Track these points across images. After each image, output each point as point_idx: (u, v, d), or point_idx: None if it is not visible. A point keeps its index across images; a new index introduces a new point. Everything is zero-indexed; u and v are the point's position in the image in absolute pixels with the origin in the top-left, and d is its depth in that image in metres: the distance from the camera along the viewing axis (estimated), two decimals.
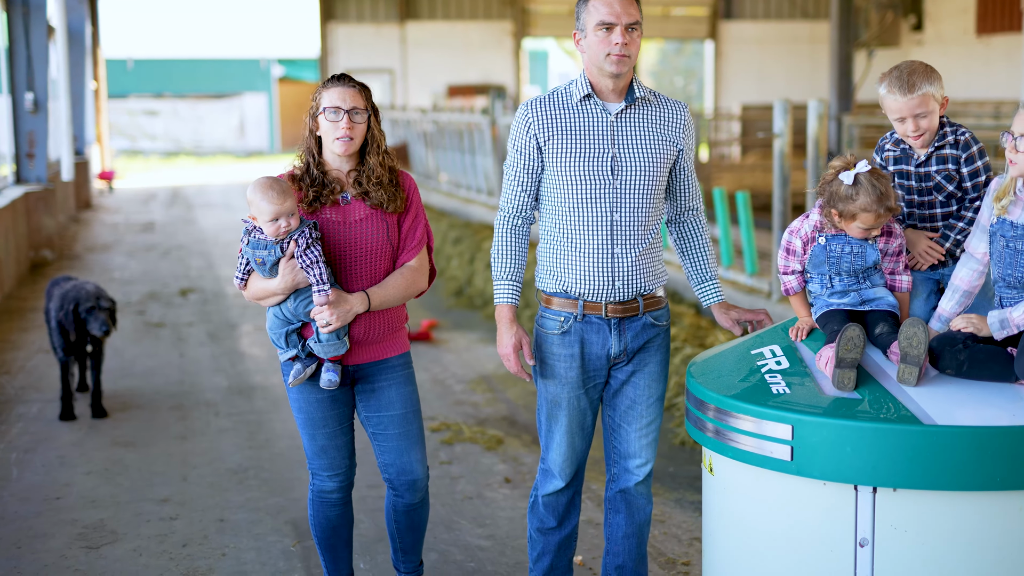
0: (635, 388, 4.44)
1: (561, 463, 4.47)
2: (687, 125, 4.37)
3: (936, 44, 29.14)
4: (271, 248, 4.26)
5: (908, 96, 3.90)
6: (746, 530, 3.81)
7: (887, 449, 3.46)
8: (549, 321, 4.37)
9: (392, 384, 4.52)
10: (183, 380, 9.25)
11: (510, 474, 6.81)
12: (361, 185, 4.38)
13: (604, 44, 4.15)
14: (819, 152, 9.11)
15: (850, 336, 3.68)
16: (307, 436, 4.54)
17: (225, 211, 22.85)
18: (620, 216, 4.24)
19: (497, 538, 5.84)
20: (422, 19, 31.34)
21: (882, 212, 3.82)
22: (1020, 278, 3.71)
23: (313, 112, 4.36)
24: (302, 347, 4.36)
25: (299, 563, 5.57)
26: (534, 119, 4.29)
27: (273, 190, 4.21)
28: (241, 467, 7.01)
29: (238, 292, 13.33)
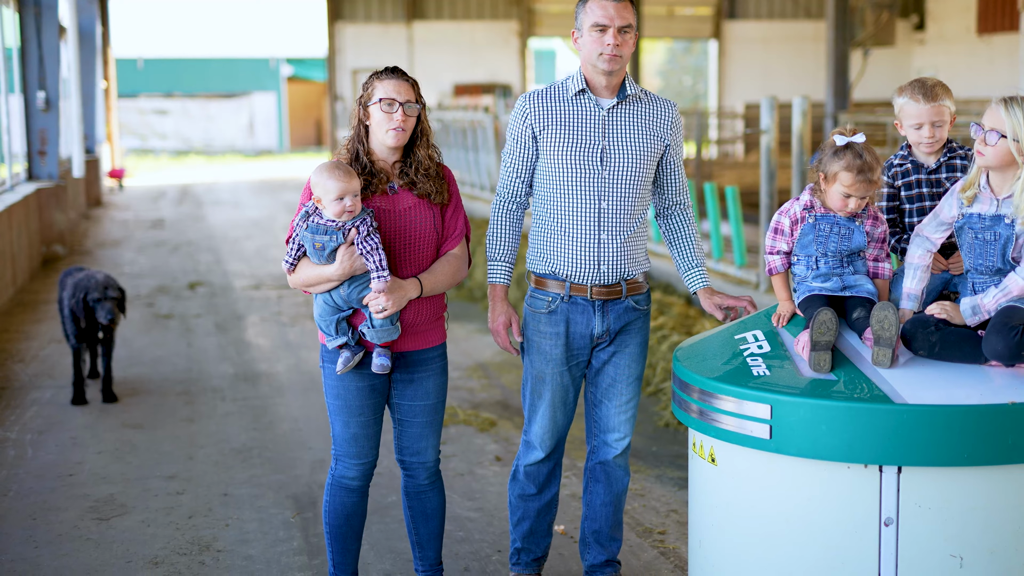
0: (616, 368, 4.73)
1: (542, 436, 4.77)
2: (675, 122, 4.65)
3: (938, 43, 29.42)
4: (332, 234, 4.34)
5: (930, 104, 4.19)
6: (758, 518, 3.90)
7: (860, 427, 3.64)
8: (537, 301, 4.67)
9: (430, 375, 4.65)
10: (190, 368, 9.60)
11: (501, 453, 7.14)
12: (407, 175, 4.49)
13: (597, 44, 4.44)
14: (804, 148, 9.41)
15: (823, 320, 3.86)
16: (340, 423, 4.60)
17: (234, 208, 23.21)
18: (607, 204, 4.54)
19: (486, 510, 6.17)
20: (429, 19, 31.71)
21: (862, 181, 4.01)
22: (991, 266, 3.94)
23: (364, 102, 4.45)
24: (352, 334, 4.48)
25: (298, 532, 5.90)
26: (531, 111, 4.58)
27: (340, 169, 4.33)
28: (245, 447, 7.35)
29: (245, 285, 13.69)
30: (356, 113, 4.50)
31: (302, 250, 4.46)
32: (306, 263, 4.46)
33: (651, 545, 5.68)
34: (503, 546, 5.69)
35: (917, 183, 4.35)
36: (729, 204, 10.38)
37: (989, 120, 3.88)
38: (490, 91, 30.97)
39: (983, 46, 27.27)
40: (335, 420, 4.62)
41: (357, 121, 4.50)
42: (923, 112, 4.22)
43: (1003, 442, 3.57)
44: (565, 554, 5.60)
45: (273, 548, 5.71)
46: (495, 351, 10.07)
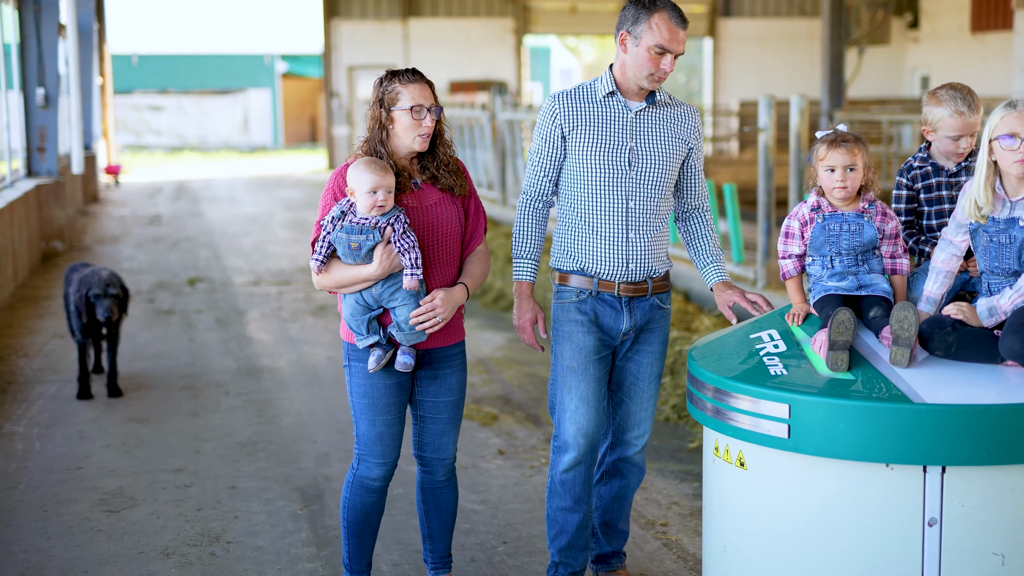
0: (638, 366, 4.80)
1: (575, 434, 4.69)
2: (697, 128, 4.73)
3: (932, 41, 29.53)
4: (368, 233, 4.36)
5: (976, 116, 4.24)
6: (795, 521, 3.88)
7: (878, 426, 3.66)
8: (566, 293, 4.71)
9: (453, 371, 4.71)
10: (193, 363, 9.68)
11: (504, 447, 7.23)
12: (428, 170, 4.54)
13: (652, 64, 4.47)
14: (801, 146, 9.51)
15: (841, 320, 3.87)
16: (366, 422, 4.62)
17: (231, 205, 23.28)
18: (635, 204, 4.60)
19: (490, 503, 6.27)
20: (424, 16, 31.74)
21: (837, 150, 4.08)
22: (1006, 268, 3.95)
23: (388, 106, 4.45)
24: (383, 333, 4.50)
25: (306, 524, 6.00)
26: (560, 110, 4.63)
27: (376, 164, 4.37)
28: (250, 440, 7.44)
29: (245, 281, 13.77)
30: (377, 116, 4.47)
31: (331, 249, 4.46)
32: (338, 263, 4.46)
33: (654, 537, 5.78)
34: (508, 538, 5.79)
35: (937, 186, 4.37)
36: (727, 202, 10.48)
37: (1022, 127, 3.83)
38: (486, 88, 31.00)
39: (976, 44, 27.38)
40: (360, 419, 4.64)
41: (378, 124, 4.48)
42: (967, 125, 4.23)
43: (1003, 442, 3.58)
44: None
45: (282, 540, 5.80)
46: (495, 346, 10.17)
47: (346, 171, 4.50)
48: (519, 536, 5.82)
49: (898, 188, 4.44)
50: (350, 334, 4.59)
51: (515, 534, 5.84)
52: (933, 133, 4.32)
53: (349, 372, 4.65)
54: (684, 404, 7.73)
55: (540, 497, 6.35)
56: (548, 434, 7.53)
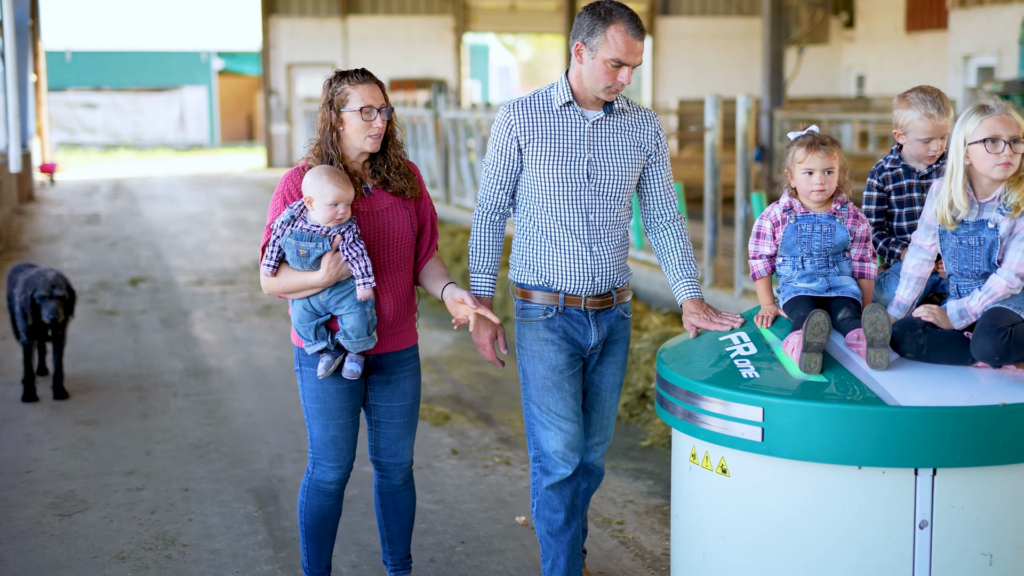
0: (602, 377, 4.72)
1: (564, 451, 4.57)
2: (657, 133, 4.58)
3: (867, 41, 29.89)
4: (318, 240, 4.29)
5: (944, 118, 4.24)
6: (782, 527, 3.82)
7: (853, 429, 3.63)
8: (532, 310, 4.57)
9: (407, 376, 4.66)
10: (140, 364, 9.60)
11: (457, 447, 7.24)
12: (380, 174, 4.47)
13: (608, 77, 4.33)
14: (747, 145, 9.60)
15: (816, 321, 3.84)
16: (319, 426, 4.58)
17: (170, 203, 23.06)
18: (595, 216, 4.47)
19: (446, 503, 6.28)
20: (364, 13, 31.65)
21: (815, 153, 4.07)
22: (976, 270, 3.97)
23: (337, 107, 4.38)
24: (331, 339, 4.44)
25: (262, 526, 5.97)
26: (516, 121, 4.48)
27: (340, 176, 4.29)
28: (202, 442, 7.39)
29: (188, 281, 13.66)
30: (327, 118, 4.42)
31: (282, 254, 4.39)
32: (287, 269, 4.39)
33: (611, 535, 5.82)
34: (466, 537, 5.80)
35: (908, 187, 4.38)
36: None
37: (1005, 130, 3.84)
38: (425, 86, 30.99)
39: (911, 44, 27.76)
40: (313, 424, 4.60)
41: (328, 126, 4.42)
42: (937, 128, 4.25)
43: (994, 443, 3.60)
44: (527, 544, 5.72)
45: (238, 542, 5.77)
46: (443, 345, 10.17)
47: (298, 175, 4.43)
48: (476, 536, 5.83)
49: (869, 189, 4.45)
50: (300, 340, 4.54)
51: (472, 534, 5.86)
52: (904, 136, 4.34)
53: (300, 377, 4.60)
54: (636, 402, 7.78)
55: (496, 497, 6.37)
56: (501, 433, 7.55)
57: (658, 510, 6.18)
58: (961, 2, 23.23)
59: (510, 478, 6.69)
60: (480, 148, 15.85)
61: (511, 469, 6.84)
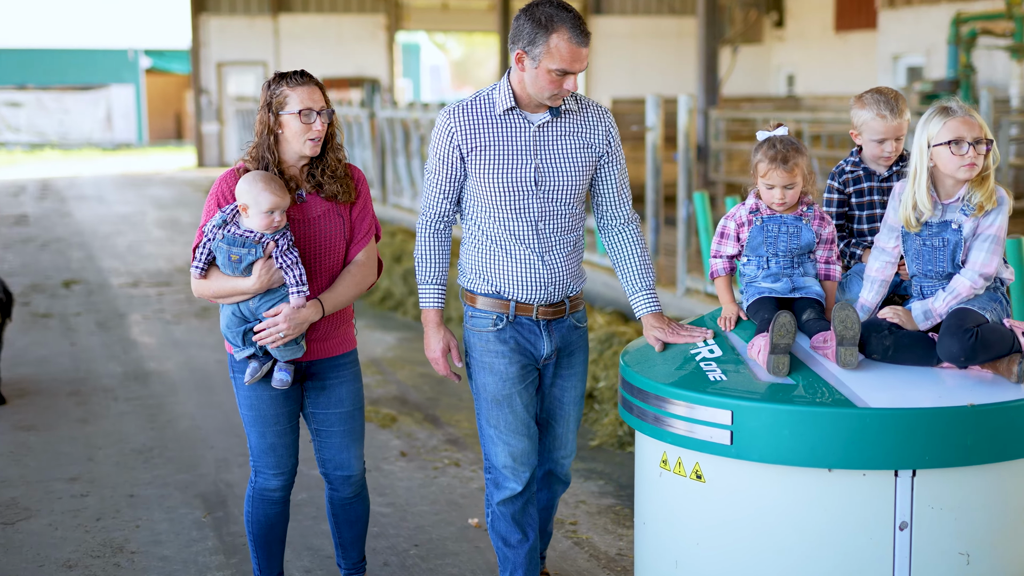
0: (562, 390, 4.58)
1: (513, 465, 4.46)
2: (609, 131, 4.36)
3: (797, 40, 30.19)
4: (251, 247, 4.19)
5: (897, 119, 4.21)
6: (760, 532, 3.78)
7: (823, 431, 3.61)
8: (481, 320, 4.41)
9: (343, 382, 4.54)
10: (78, 367, 9.44)
11: (405, 448, 7.20)
12: (315, 178, 4.34)
13: (554, 85, 4.14)
14: (689, 144, 9.64)
15: (783, 323, 3.82)
16: (256, 434, 4.49)
17: (100, 204, 22.72)
18: (545, 224, 4.30)
19: (397, 505, 6.23)
20: (295, 12, 31.43)
21: (777, 169, 4.04)
22: (940, 271, 3.98)
23: (276, 110, 4.25)
24: (258, 345, 4.32)
25: (211, 532, 5.89)
26: (457, 129, 4.28)
27: (275, 183, 4.18)
28: (146, 447, 7.28)
29: (123, 283, 13.47)
30: (265, 120, 4.27)
31: (212, 257, 4.29)
32: (217, 273, 4.29)
33: (564, 536, 5.81)
34: (419, 540, 5.76)
35: (869, 191, 4.37)
36: None
37: (969, 132, 3.84)
38: (358, 85, 30.83)
39: (840, 43, 28.07)
40: (250, 431, 4.51)
41: (266, 128, 4.28)
42: (889, 128, 4.23)
43: (962, 443, 3.60)
44: (481, 546, 5.69)
45: (188, 548, 5.68)
46: (386, 346, 10.12)
47: (233, 176, 4.32)
48: (430, 539, 5.79)
49: (829, 192, 4.45)
50: (231, 346, 4.43)
51: (425, 537, 5.82)
52: (860, 137, 4.34)
53: (235, 383, 4.50)
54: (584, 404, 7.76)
55: (447, 499, 6.33)
56: (449, 435, 7.51)
57: (610, 510, 6.18)
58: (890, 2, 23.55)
59: (461, 479, 6.66)
60: (419, 148, 15.78)
61: (461, 471, 6.81)
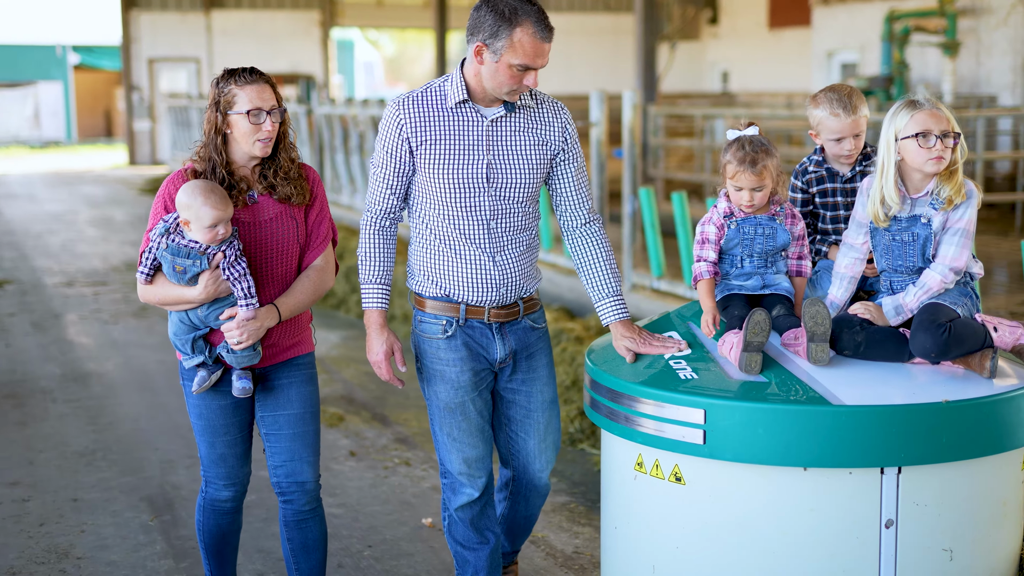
0: (529, 397, 4.37)
1: (468, 471, 4.31)
2: (566, 128, 4.22)
3: (731, 37, 30.35)
4: (196, 258, 4.01)
5: (852, 117, 4.16)
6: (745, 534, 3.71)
7: (799, 430, 3.55)
8: (431, 326, 4.24)
9: (293, 383, 4.33)
10: (14, 369, 9.24)
11: (354, 448, 7.11)
12: (267, 179, 4.16)
13: (513, 82, 3.99)
14: (634, 140, 9.62)
15: (758, 320, 3.76)
16: (206, 444, 4.32)
17: (30, 202, 22.33)
18: (498, 223, 4.14)
19: (348, 506, 6.15)
20: (228, 8, 31.10)
21: (745, 172, 3.99)
22: (910, 266, 3.95)
23: (224, 109, 4.06)
24: (209, 353, 4.15)
25: (159, 536, 5.76)
26: (406, 120, 4.11)
27: (216, 194, 3.97)
28: (88, 450, 7.12)
29: (57, 283, 13.23)
30: (212, 120, 4.09)
31: (157, 263, 4.10)
32: (164, 279, 4.11)
33: None
34: (373, 541, 5.68)
35: (832, 191, 4.33)
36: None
37: (936, 125, 3.82)
38: (293, 81, 30.59)
39: (774, 40, 28.24)
40: (200, 441, 4.34)
41: (214, 128, 4.09)
42: (845, 127, 4.18)
43: (938, 440, 3.58)
44: (436, 546, 5.62)
45: (136, 553, 5.56)
46: (331, 345, 10.01)
47: (180, 179, 4.13)
48: (384, 539, 5.72)
49: (792, 191, 4.41)
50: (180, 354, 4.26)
51: (379, 537, 5.74)
52: (818, 137, 4.30)
53: (184, 392, 4.32)
54: None
55: (399, 499, 6.26)
56: (398, 434, 7.43)
57: (564, 508, 6.13)
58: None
59: (412, 479, 6.58)
60: (358, 145, 15.66)
61: (412, 470, 6.73)
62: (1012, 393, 3.70)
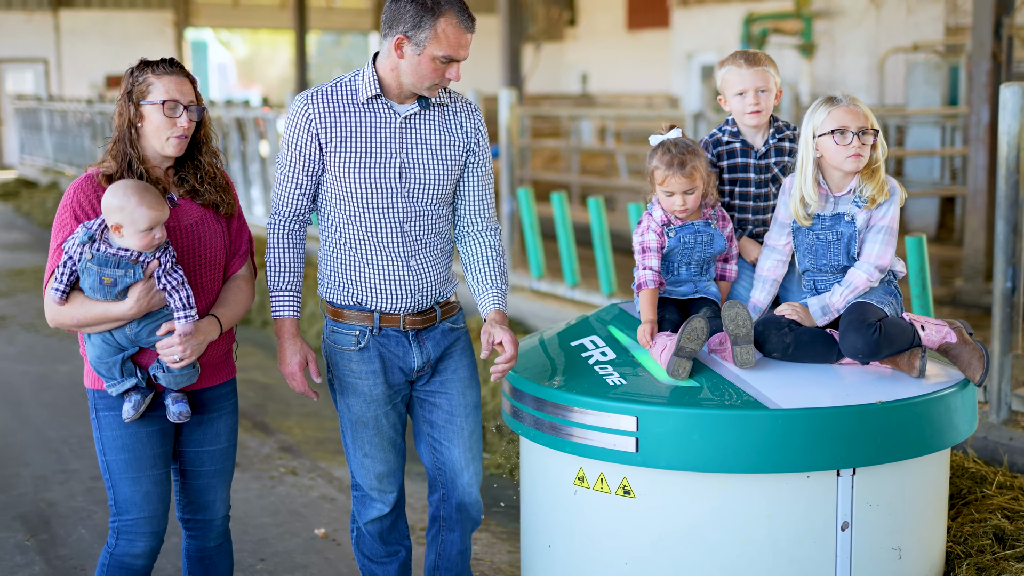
0: (449, 399, 4.15)
1: (379, 486, 4.14)
2: (479, 128, 4.06)
3: (590, 38, 30.59)
4: (127, 267, 3.61)
5: (752, 68, 4.08)
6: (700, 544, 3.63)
7: (735, 435, 3.50)
8: (343, 336, 4.04)
9: (222, 415, 3.98)
10: None
11: (238, 458, 6.85)
12: (187, 182, 3.83)
13: (436, 75, 3.84)
14: (511, 140, 9.56)
15: (694, 327, 3.69)
16: (128, 481, 3.81)
17: None
18: (411, 226, 3.95)
19: (237, 518, 5.91)
20: (77, 7, 30.26)
21: (675, 175, 3.92)
22: (835, 265, 3.92)
23: (136, 99, 3.72)
24: (140, 375, 3.74)
25: (37, 556, 5.49)
26: (315, 115, 3.90)
27: (151, 194, 3.60)
28: None
29: None
30: (125, 111, 3.73)
31: (74, 278, 3.66)
32: (82, 298, 3.65)
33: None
34: (265, 554, 5.50)
35: (744, 167, 4.22)
36: None
37: (853, 122, 3.80)
38: None
39: (633, 42, 28.55)
40: (119, 480, 3.81)
41: (126, 122, 3.74)
42: (746, 78, 4.09)
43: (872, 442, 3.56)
44: (331, 557, 5.47)
45: (14, 575, 5.29)
46: None
47: (89, 183, 3.75)
48: (276, 552, 5.54)
49: None
50: (97, 380, 3.80)
51: (271, 550, 5.56)
52: (726, 102, 4.20)
53: (98, 425, 3.82)
54: None
55: (288, 509, 6.08)
56: (281, 442, 7.25)
57: None
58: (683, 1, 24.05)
59: (300, 488, 6.40)
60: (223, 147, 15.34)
61: (299, 479, 6.55)
62: (945, 392, 3.71)
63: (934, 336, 3.92)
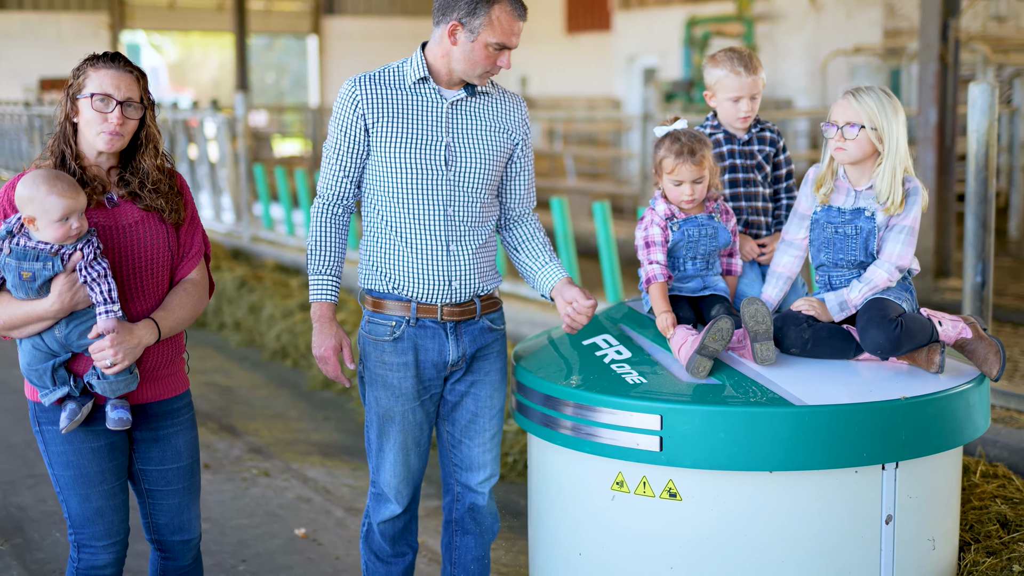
0: (476, 400, 4.12)
1: (397, 485, 4.09)
2: (524, 120, 4.09)
3: (528, 41, 30.49)
4: (47, 260, 3.49)
5: (752, 76, 4.12)
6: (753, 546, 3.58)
7: (762, 432, 3.46)
8: (378, 327, 4.01)
9: (179, 430, 3.85)
10: None
11: (208, 461, 6.83)
12: (128, 185, 3.68)
13: (488, 62, 3.86)
14: None
15: (720, 327, 3.67)
16: (77, 498, 3.69)
17: None
18: (455, 210, 3.94)
19: (214, 520, 5.90)
20: (9, 9, 29.81)
21: (685, 163, 3.91)
22: (852, 260, 3.91)
23: (73, 94, 3.58)
24: (75, 383, 3.60)
25: (14, 561, 5.42)
26: (363, 97, 3.92)
27: (63, 181, 3.48)
28: None
29: None
30: (63, 106, 3.62)
31: (0, 276, 3.55)
32: (7, 298, 3.54)
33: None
34: (246, 555, 5.47)
35: (729, 154, 4.26)
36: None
37: (842, 115, 3.83)
38: None
39: (572, 45, 28.64)
40: (69, 496, 3.69)
41: (64, 117, 3.62)
42: (745, 85, 4.13)
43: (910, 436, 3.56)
44: (314, 557, 5.45)
45: None
46: None
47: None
48: (257, 553, 5.50)
49: None
50: (35, 390, 3.66)
51: (252, 551, 5.52)
52: (714, 98, 4.24)
53: (42, 439, 3.69)
54: None
55: (265, 510, 6.05)
56: (250, 444, 7.20)
57: None
58: (624, 4, 24.18)
59: (274, 490, 6.37)
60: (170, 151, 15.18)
61: (272, 480, 6.52)
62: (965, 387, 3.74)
63: (951, 331, 3.93)
